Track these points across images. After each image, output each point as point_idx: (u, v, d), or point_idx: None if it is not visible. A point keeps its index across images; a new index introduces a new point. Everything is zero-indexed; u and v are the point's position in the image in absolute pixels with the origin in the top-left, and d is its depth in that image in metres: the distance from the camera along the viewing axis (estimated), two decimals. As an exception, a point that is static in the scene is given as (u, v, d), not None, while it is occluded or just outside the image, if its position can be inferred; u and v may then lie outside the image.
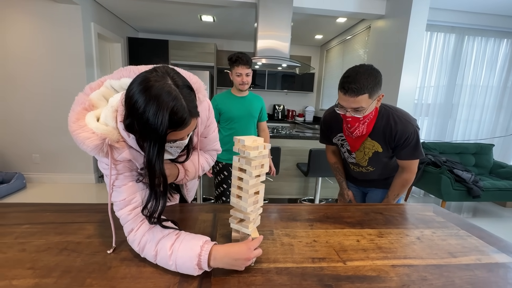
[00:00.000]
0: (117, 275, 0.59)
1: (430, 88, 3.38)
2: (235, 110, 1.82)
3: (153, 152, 0.56)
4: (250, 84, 1.82)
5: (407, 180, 1.18)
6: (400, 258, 0.71)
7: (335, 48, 4.41)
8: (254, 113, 1.90)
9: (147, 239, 0.62)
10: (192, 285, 0.57)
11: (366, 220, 0.93)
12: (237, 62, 1.72)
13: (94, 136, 0.59)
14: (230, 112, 1.82)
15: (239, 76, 1.76)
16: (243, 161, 0.67)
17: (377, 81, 0.99)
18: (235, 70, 1.76)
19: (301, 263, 0.66)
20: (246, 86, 1.80)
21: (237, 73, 1.75)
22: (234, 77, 1.79)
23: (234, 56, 1.73)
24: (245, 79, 1.77)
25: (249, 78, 1.79)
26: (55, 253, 0.66)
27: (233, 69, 1.76)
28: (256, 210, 0.71)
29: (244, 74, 1.75)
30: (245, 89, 1.82)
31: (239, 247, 0.61)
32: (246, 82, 1.78)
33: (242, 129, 1.85)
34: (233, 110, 1.82)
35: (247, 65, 1.74)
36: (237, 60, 1.72)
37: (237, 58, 1.72)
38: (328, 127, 1.31)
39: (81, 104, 0.66)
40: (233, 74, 1.78)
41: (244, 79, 1.76)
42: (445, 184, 2.52)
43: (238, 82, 1.78)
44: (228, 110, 1.82)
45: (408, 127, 1.08)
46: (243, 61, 1.72)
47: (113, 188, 0.66)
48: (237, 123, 1.84)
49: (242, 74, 1.75)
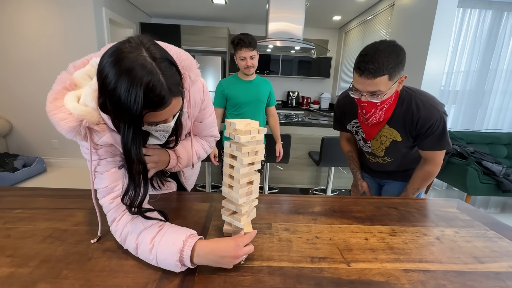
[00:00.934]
0: (96, 267, 0.55)
1: (459, 73, 3.07)
2: (242, 95, 1.73)
3: (128, 135, 0.49)
4: (256, 68, 1.73)
5: (430, 174, 1.06)
6: (415, 261, 0.61)
7: (355, 30, 4.12)
8: (262, 97, 1.80)
9: (129, 230, 0.58)
10: (173, 283, 0.51)
11: (377, 215, 0.83)
12: (239, 45, 1.62)
13: (71, 118, 0.54)
14: (237, 97, 1.73)
15: (243, 60, 1.66)
16: (234, 147, 0.59)
17: (400, 60, 0.86)
18: (238, 54, 1.66)
19: (298, 263, 0.59)
20: (251, 70, 1.70)
21: (241, 56, 1.65)
22: (238, 61, 1.69)
23: (236, 39, 1.62)
24: (250, 62, 1.66)
25: (255, 61, 1.68)
26: (39, 240, 0.63)
27: (237, 53, 1.67)
28: (249, 202, 0.64)
29: (248, 57, 1.65)
30: (250, 73, 1.72)
31: (227, 243, 0.54)
32: (251, 65, 1.68)
33: (250, 115, 1.77)
34: (240, 95, 1.73)
35: (251, 47, 1.62)
36: (239, 42, 1.61)
37: (239, 40, 1.61)
38: (342, 112, 1.20)
39: (62, 83, 0.60)
40: (237, 58, 1.69)
41: (249, 62, 1.66)
42: (472, 176, 2.32)
43: (242, 66, 1.69)
44: (235, 95, 1.73)
45: (433, 112, 0.94)
46: (245, 43, 1.61)
47: (95, 174, 0.62)
48: (244, 109, 1.76)
49: (246, 58, 1.65)
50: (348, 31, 4.39)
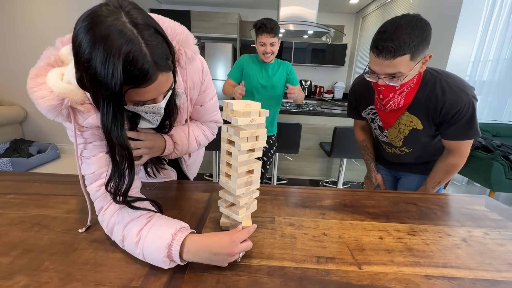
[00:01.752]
0: (79, 259, 0.50)
1: (487, 62, 2.81)
2: (256, 77, 1.69)
3: (107, 115, 0.43)
4: (275, 55, 1.67)
5: (454, 166, 0.95)
6: (438, 266, 0.53)
7: (373, 14, 3.88)
8: (277, 83, 1.72)
9: (115, 220, 0.53)
10: (160, 280, 0.46)
11: (394, 211, 0.75)
12: (260, 30, 1.57)
13: (51, 96, 0.48)
14: (251, 78, 1.69)
15: (262, 45, 1.61)
16: (231, 131, 0.52)
17: (424, 36, 0.74)
18: (258, 39, 1.61)
19: (302, 263, 0.52)
20: (270, 57, 1.65)
21: (261, 42, 1.60)
22: (258, 46, 1.64)
23: (259, 23, 1.57)
24: (269, 48, 1.60)
25: (274, 48, 1.62)
26: (26, 228, 0.59)
27: (257, 38, 1.62)
28: (249, 194, 0.58)
29: (268, 44, 1.59)
30: (268, 60, 1.67)
31: (221, 238, 0.48)
32: (270, 52, 1.62)
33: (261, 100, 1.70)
34: (254, 76, 1.69)
35: (272, 34, 1.57)
36: (260, 27, 1.56)
37: (261, 25, 1.56)
38: (357, 98, 1.09)
39: (46, 59, 0.55)
40: (257, 43, 1.63)
41: (268, 48, 1.60)
42: (497, 171, 2.15)
43: (261, 51, 1.64)
44: (250, 74, 1.69)
45: (461, 96, 0.83)
46: (267, 29, 1.55)
47: (81, 159, 0.57)
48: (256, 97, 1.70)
49: (266, 44, 1.59)
50: (365, 15, 4.14)
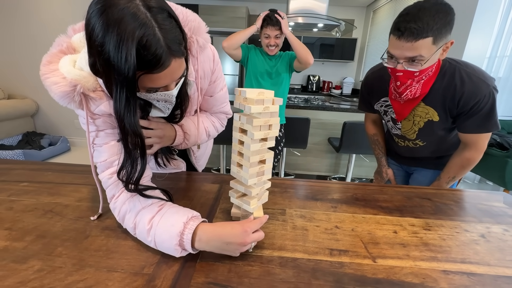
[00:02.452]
0: (91, 246, 0.51)
1: (504, 58, 2.70)
2: (260, 68, 1.69)
3: (120, 101, 0.42)
4: (280, 48, 1.66)
5: (470, 161, 0.92)
6: (456, 261, 0.51)
7: (384, 7, 3.77)
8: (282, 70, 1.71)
9: (127, 208, 0.52)
10: (172, 269, 0.46)
11: (408, 206, 0.73)
12: (265, 22, 1.55)
13: (64, 82, 0.48)
14: (255, 69, 1.69)
15: (267, 38, 1.59)
16: (244, 119, 0.51)
17: (448, 20, 0.71)
18: (263, 31, 1.58)
19: (315, 255, 0.51)
20: (274, 50, 1.63)
21: (265, 34, 1.58)
22: (262, 38, 1.62)
23: (265, 15, 1.55)
24: (273, 41, 1.58)
25: (279, 40, 1.60)
26: (39, 214, 0.60)
27: (262, 30, 1.59)
28: (261, 184, 0.57)
29: (272, 36, 1.57)
30: (273, 53, 1.65)
31: (233, 228, 0.47)
32: (275, 45, 1.60)
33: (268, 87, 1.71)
34: (258, 67, 1.69)
35: (277, 26, 1.54)
36: (265, 20, 1.54)
37: (266, 17, 1.54)
38: (369, 89, 1.07)
39: (59, 46, 0.55)
40: (262, 35, 1.61)
41: (272, 41, 1.58)
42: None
43: (265, 44, 1.62)
44: (254, 65, 1.69)
45: (481, 87, 0.80)
46: (272, 22, 1.53)
47: (93, 147, 0.57)
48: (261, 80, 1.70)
49: (271, 36, 1.57)
50: (376, 9, 4.04)
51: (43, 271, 0.44)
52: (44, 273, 0.43)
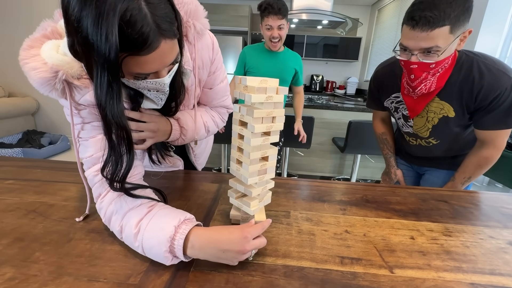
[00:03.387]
0: (73, 251, 0.45)
1: (515, 57, 2.63)
2: (262, 69, 1.57)
3: (101, 86, 0.37)
4: (283, 41, 1.53)
5: (488, 159, 0.85)
6: (485, 273, 0.45)
7: (390, 6, 3.71)
8: (286, 76, 1.62)
9: (114, 209, 0.47)
10: (161, 278, 0.40)
11: (424, 209, 0.67)
12: (266, 11, 1.41)
13: (44, 67, 0.43)
14: (257, 70, 1.57)
15: (269, 29, 1.46)
16: (244, 110, 0.45)
17: (467, 7, 0.66)
18: (264, 22, 1.46)
19: (324, 264, 0.45)
20: (278, 44, 1.51)
21: (267, 25, 1.45)
22: (264, 30, 1.49)
23: (264, 3, 1.42)
24: (276, 32, 1.45)
25: (283, 32, 1.47)
26: (21, 215, 0.55)
27: (263, 21, 1.47)
28: (262, 184, 0.51)
29: (275, 27, 1.44)
30: (276, 48, 1.53)
31: (231, 233, 0.42)
32: (277, 37, 1.47)
33: None
34: (261, 68, 1.57)
35: (280, 15, 1.41)
36: (266, 8, 1.41)
37: (267, 5, 1.41)
38: (379, 85, 1.01)
39: (43, 30, 0.50)
40: (263, 27, 1.48)
41: (275, 32, 1.45)
42: (525, 172, 2.00)
43: (267, 36, 1.49)
44: (255, 66, 1.57)
45: (502, 80, 0.74)
46: (274, 10, 1.40)
47: (79, 141, 0.51)
48: None
49: (273, 27, 1.44)
50: (382, 7, 3.97)
51: (14, 279, 0.38)
52: (16, 282, 0.38)
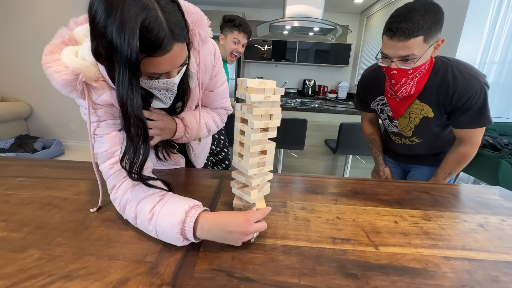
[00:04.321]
0: (92, 236, 0.50)
1: (493, 64, 2.79)
2: None
3: (123, 84, 0.42)
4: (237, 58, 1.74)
5: (466, 156, 0.94)
6: (457, 249, 0.52)
7: (378, 13, 3.87)
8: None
9: (128, 198, 0.52)
10: (175, 257, 0.45)
11: (407, 199, 0.74)
12: (240, 27, 1.57)
13: (66, 70, 0.48)
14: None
15: (236, 43, 1.61)
16: (245, 108, 0.51)
17: (437, 19, 0.74)
18: (234, 35, 1.59)
19: (318, 243, 0.51)
20: (234, 59, 1.68)
21: (235, 39, 1.59)
22: (229, 42, 1.61)
23: (238, 20, 1.57)
24: (240, 49, 1.63)
25: (243, 50, 1.67)
26: (37, 207, 0.59)
27: (232, 34, 1.59)
28: (262, 175, 0.57)
29: (241, 44, 1.62)
30: (233, 61, 1.70)
31: (236, 217, 0.47)
32: (238, 53, 1.65)
33: None
34: None
35: (248, 35, 1.60)
36: (241, 25, 1.56)
37: (241, 22, 1.57)
38: (366, 88, 1.09)
39: (60, 37, 0.55)
40: (229, 39, 1.60)
41: (240, 48, 1.63)
42: (505, 170, 2.12)
43: (232, 49, 1.62)
44: None
45: (473, 83, 0.82)
46: (246, 29, 1.57)
47: (94, 137, 0.56)
48: None
49: (240, 43, 1.61)
50: (370, 15, 4.14)
51: (42, 259, 0.43)
52: (44, 261, 0.42)
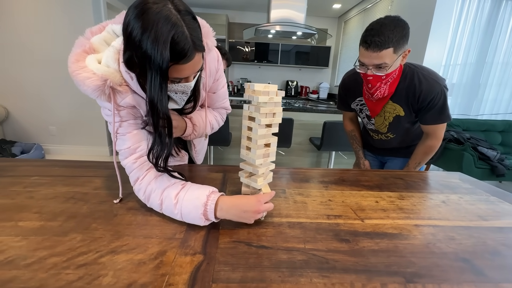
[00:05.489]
0: (122, 221, 0.57)
1: (456, 66, 3.11)
2: None
3: (154, 88, 0.50)
4: None
5: (432, 147, 1.10)
6: (424, 219, 0.65)
7: (354, 18, 4.11)
8: None
9: (153, 188, 0.60)
10: (200, 233, 0.54)
11: (385, 184, 0.87)
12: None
13: (95, 77, 0.55)
14: None
15: None
16: (252, 108, 0.61)
17: (404, 33, 0.88)
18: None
19: (316, 219, 0.62)
20: None
21: None
22: None
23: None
24: None
25: None
26: (62, 201, 0.64)
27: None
28: (266, 165, 0.67)
29: None
30: None
31: (248, 199, 0.57)
32: None
33: None
34: None
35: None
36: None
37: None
38: (346, 91, 1.22)
39: (82, 47, 0.61)
40: None
41: None
42: (468, 161, 2.39)
43: None
44: None
45: (435, 86, 0.98)
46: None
47: (117, 136, 0.63)
48: None
49: None
50: (347, 19, 4.38)
51: (86, 240, 0.49)
52: (88, 241, 0.49)
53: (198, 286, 0.40)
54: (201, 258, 0.46)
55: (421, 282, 0.43)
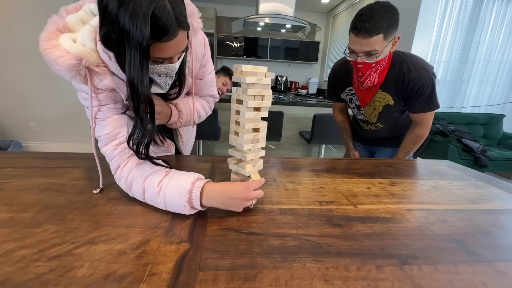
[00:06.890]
0: (102, 211, 0.53)
1: (441, 62, 3.19)
2: None
3: (134, 67, 0.46)
4: None
5: (420, 136, 1.10)
6: (416, 203, 0.64)
7: (343, 13, 4.13)
8: None
9: (134, 175, 0.56)
10: (186, 222, 0.51)
11: (376, 171, 0.86)
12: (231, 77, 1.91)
13: (69, 55, 0.51)
14: None
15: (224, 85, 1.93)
16: (240, 90, 0.58)
17: (394, 19, 0.87)
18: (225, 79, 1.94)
19: (308, 205, 0.60)
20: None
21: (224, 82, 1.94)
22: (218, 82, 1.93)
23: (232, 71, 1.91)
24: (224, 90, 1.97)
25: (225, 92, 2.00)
26: (36, 192, 0.60)
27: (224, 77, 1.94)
28: (255, 151, 0.64)
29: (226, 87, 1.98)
30: None
31: (236, 185, 0.54)
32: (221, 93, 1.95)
33: None
34: None
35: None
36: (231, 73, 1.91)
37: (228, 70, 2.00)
38: (336, 80, 1.21)
39: (55, 25, 0.56)
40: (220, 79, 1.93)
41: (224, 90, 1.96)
42: (452, 153, 2.45)
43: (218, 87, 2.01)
44: None
45: (423, 74, 0.98)
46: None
47: (95, 121, 0.59)
48: None
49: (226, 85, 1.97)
50: (336, 15, 4.39)
51: (60, 231, 0.45)
52: (63, 233, 0.45)
53: (184, 274, 0.37)
54: (187, 246, 0.43)
55: (416, 264, 0.42)
